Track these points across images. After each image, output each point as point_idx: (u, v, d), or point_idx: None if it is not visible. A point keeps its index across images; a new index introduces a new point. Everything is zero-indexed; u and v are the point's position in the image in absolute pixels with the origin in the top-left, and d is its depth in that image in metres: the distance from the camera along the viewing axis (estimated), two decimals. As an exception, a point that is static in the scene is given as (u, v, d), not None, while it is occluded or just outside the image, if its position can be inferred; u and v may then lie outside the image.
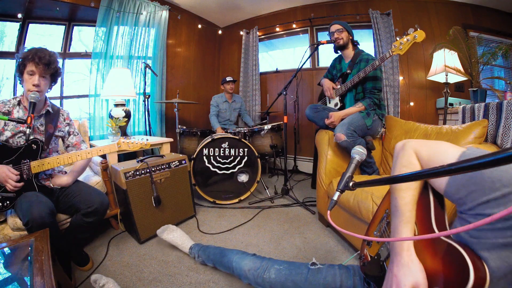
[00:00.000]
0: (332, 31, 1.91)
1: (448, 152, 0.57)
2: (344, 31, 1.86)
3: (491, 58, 2.20)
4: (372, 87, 1.76)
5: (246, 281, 1.05)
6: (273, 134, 2.75)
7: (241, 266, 1.07)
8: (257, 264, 1.04)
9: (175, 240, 1.46)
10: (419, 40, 1.40)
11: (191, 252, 1.38)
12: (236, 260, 1.12)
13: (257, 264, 1.04)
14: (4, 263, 0.85)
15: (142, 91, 2.71)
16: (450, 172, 0.36)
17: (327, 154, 1.73)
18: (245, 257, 1.11)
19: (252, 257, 1.10)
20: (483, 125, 1.21)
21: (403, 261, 0.51)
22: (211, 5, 3.40)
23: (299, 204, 2.21)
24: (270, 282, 0.96)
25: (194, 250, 1.37)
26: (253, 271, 1.01)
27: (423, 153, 0.63)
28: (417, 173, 0.44)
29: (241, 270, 1.06)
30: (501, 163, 0.25)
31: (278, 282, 0.93)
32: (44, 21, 2.42)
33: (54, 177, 1.36)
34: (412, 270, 0.49)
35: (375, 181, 0.79)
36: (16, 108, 1.28)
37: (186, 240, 1.46)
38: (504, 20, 2.63)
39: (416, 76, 2.85)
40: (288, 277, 0.91)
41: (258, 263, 1.04)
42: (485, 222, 0.30)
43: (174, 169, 1.80)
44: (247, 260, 1.08)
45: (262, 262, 1.04)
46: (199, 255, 1.33)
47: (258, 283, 1.00)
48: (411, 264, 0.50)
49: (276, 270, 0.96)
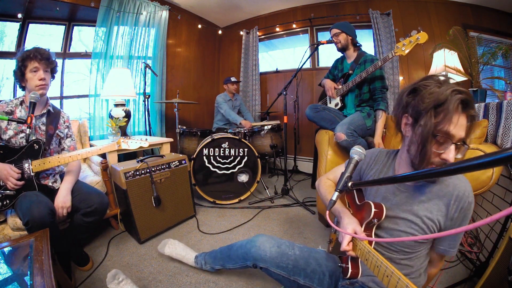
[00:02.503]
0: (331, 35, 1.93)
1: (340, 167, 1.05)
2: (341, 34, 1.86)
3: (491, 58, 2.19)
4: (382, 86, 1.76)
5: (263, 264, 0.98)
6: (273, 134, 2.75)
7: (260, 244, 1.00)
8: (279, 242, 1.00)
9: (179, 252, 1.38)
10: (421, 41, 1.41)
11: (197, 261, 1.31)
12: (252, 240, 1.05)
13: (279, 241, 1.01)
14: (4, 263, 0.85)
15: (142, 91, 2.70)
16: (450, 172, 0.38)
17: (327, 154, 1.73)
18: (261, 236, 1.05)
19: (268, 236, 1.05)
20: (483, 125, 1.21)
21: (344, 221, 0.79)
22: (211, 5, 3.40)
23: (299, 204, 2.21)
24: (295, 257, 0.96)
25: (200, 258, 1.31)
26: (277, 248, 0.98)
27: (330, 176, 1.05)
28: (417, 173, 0.47)
29: (260, 249, 0.99)
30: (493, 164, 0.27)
31: (302, 258, 0.96)
32: (44, 21, 2.41)
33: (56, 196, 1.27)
34: (351, 222, 0.78)
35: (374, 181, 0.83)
36: (19, 107, 1.29)
37: (190, 251, 1.38)
38: (504, 20, 2.63)
39: (416, 76, 2.85)
40: (311, 254, 0.98)
41: (280, 241, 1.01)
42: (485, 222, 0.30)
43: (174, 169, 1.80)
44: (266, 237, 1.03)
45: (282, 240, 1.02)
46: (206, 261, 1.27)
47: (281, 261, 0.95)
48: (349, 220, 0.79)
49: (299, 248, 1.00)
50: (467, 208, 0.71)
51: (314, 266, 0.94)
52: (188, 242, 1.63)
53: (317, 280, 0.92)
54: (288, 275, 0.94)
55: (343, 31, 1.86)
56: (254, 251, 1.00)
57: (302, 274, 0.94)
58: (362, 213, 0.81)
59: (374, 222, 0.77)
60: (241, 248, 1.08)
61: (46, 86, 1.28)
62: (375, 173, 0.88)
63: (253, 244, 1.03)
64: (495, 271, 0.94)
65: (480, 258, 1.36)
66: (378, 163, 0.89)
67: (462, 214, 0.71)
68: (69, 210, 1.24)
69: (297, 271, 0.94)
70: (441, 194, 0.72)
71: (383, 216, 0.75)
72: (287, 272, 0.95)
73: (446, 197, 0.71)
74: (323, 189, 1.00)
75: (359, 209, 0.83)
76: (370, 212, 0.76)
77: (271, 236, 1.05)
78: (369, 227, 0.79)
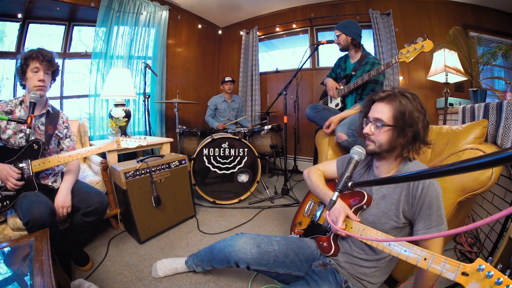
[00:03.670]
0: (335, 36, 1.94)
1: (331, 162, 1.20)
2: (340, 35, 1.86)
3: (491, 58, 2.19)
4: (371, 90, 1.76)
5: (244, 265, 1.00)
6: (273, 134, 2.75)
7: (240, 247, 1.00)
8: (258, 240, 1.02)
9: (171, 266, 1.29)
10: (426, 50, 1.37)
11: (189, 266, 1.28)
12: (230, 244, 1.04)
13: (257, 240, 1.02)
14: (4, 263, 0.86)
15: (142, 91, 2.71)
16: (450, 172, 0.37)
17: (327, 154, 1.73)
18: (239, 238, 1.05)
19: (246, 235, 1.06)
20: (483, 125, 1.21)
21: (338, 203, 0.92)
22: (211, 5, 3.40)
23: (299, 204, 2.20)
24: (275, 254, 0.99)
25: (190, 262, 1.28)
26: (257, 248, 0.99)
27: (320, 167, 1.19)
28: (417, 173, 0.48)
29: (241, 252, 0.99)
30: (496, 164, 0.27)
31: (281, 252, 1.00)
32: (44, 21, 2.41)
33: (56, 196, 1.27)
34: (342, 205, 0.92)
35: (374, 181, 0.84)
36: (18, 107, 1.29)
37: (178, 259, 1.32)
38: (504, 20, 2.63)
39: (416, 76, 2.85)
40: (288, 245, 1.02)
41: (258, 239, 1.02)
42: (485, 222, 0.30)
43: (174, 169, 1.80)
44: (244, 239, 1.03)
45: (259, 237, 1.04)
46: (196, 264, 1.25)
47: (262, 259, 0.98)
48: (340, 203, 0.93)
49: (277, 242, 1.03)
50: (427, 188, 0.81)
51: (292, 257, 1.00)
52: (188, 242, 1.63)
53: (295, 267, 1.00)
54: (269, 269, 0.99)
55: (342, 32, 1.86)
56: (235, 255, 1.01)
57: (281, 266, 0.99)
58: (351, 198, 0.96)
59: (364, 208, 0.93)
60: (221, 252, 1.07)
61: (45, 88, 1.27)
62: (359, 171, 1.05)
63: (232, 249, 1.02)
64: (495, 271, 0.93)
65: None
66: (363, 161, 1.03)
67: (423, 194, 0.81)
68: (69, 210, 1.24)
69: (277, 265, 0.99)
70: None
71: (371, 203, 0.93)
72: (268, 267, 0.99)
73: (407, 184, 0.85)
74: (313, 177, 1.15)
75: (348, 195, 0.98)
76: (363, 199, 0.92)
77: (249, 235, 1.05)
78: (357, 211, 0.94)
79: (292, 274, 1.00)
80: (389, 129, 0.85)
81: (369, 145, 0.90)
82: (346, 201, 0.95)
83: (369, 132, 0.89)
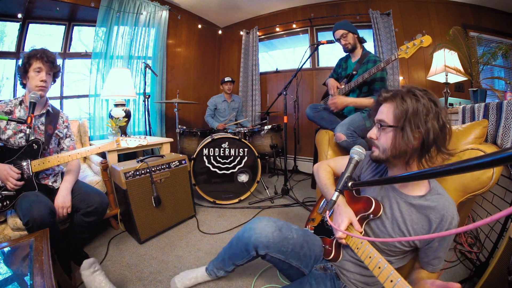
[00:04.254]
0: (337, 37, 1.87)
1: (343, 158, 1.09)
2: (348, 34, 1.82)
3: (491, 58, 2.19)
4: (380, 88, 1.76)
5: (264, 250, 0.94)
6: (273, 134, 2.75)
7: (261, 229, 0.95)
8: (279, 224, 0.97)
9: (190, 276, 1.22)
10: (425, 45, 1.39)
11: (210, 273, 1.19)
12: (250, 227, 0.98)
13: (278, 224, 0.97)
14: (4, 263, 0.85)
15: (142, 91, 2.71)
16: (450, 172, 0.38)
17: (327, 154, 1.73)
18: (259, 220, 1.00)
19: (267, 218, 1.00)
20: (483, 125, 1.21)
21: (341, 209, 0.86)
22: (211, 5, 3.40)
23: (299, 204, 2.21)
24: (293, 242, 0.95)
25: (210, 268, 1.19)
26: (279, 232, 0.94)
27: (331, 163, 1.11)
28: (416, 173, 0.49)
29: (262, 235, 0.94)
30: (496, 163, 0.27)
31: (298, 242, 0.97)
32: (44, 21, 2.41)
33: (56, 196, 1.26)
34: (347, 211, 0.85)
35: (373, 181, 0.84)
36: (18, 107, 1.29)
37: (198, 269, 1.25)
38: (504, 20, 2.63)
39: (416, 76, 2.85)
40: (304, 237, 0.99)
41: (279, 223, 0.98)
42: (485, 222, 0.30)
43: (174, 169, 1.80)
44: (265, 221, 0.98)
45: (279, 221, 0.99)
46: (217, 267, 1.17)
47: (282, 245, 0.94)
48: (346, 209, 0.86)
49: (295, 230, 1.00)
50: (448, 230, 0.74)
51: (305, 250, 0.97)
52: (188, 242, 1.63)
53: (305, 262, 0.97)
54: (285, 259, 0.96)
55: (350, 31, 1.81)
56: (255, 239, 0.95)
57: (296, 257, 0.96)
58: (359, 205, 0.86)
59: (370, 217, 0.83)
60: (240, 241, 1.02)
61: (46, 89, 1.29)
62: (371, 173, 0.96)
63: (253, 232, 0.96)
64: (495, 271, 0.94)
65: (480, 258, 1.36)
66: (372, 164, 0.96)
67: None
68: (69, 210, 1.23)
69: (293, 255, 0.96)
70: (429, 211, 0.76)
71: (379, 213, 0.82)
72: (285, 256, 0.95)
73: (433, 215, 0.75)
74: (322, 174, 1.06)
75: (357, 201, 0.89)
76: (370, 207, 0.81)
77: (270, 219, 1.00)
78: (362, 220, 0.85)
79: (300, 269, 0.97)
80: (390, 130, 0.76)
81: (374, 151, 0.83)
82: (353, 207, 0.87)
83: (373, 135, 0.82)
